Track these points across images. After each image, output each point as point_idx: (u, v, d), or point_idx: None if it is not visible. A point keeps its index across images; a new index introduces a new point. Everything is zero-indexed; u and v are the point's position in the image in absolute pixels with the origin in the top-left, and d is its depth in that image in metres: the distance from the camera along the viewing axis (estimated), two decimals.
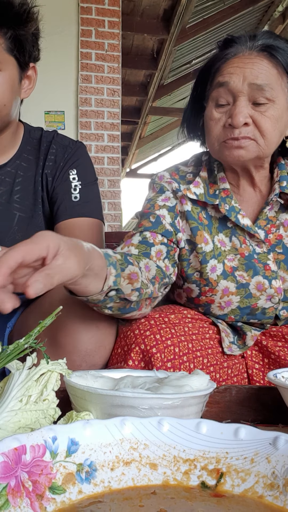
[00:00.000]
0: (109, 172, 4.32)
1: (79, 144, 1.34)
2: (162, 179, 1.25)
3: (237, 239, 1.20)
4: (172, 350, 1.05)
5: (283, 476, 0.49)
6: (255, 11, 6.12)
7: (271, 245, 1.20)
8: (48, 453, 0.48)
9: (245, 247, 1.19)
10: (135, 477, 0.51)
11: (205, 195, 1.19)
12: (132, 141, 9.41)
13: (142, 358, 1.04)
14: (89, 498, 0.48)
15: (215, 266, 1.18)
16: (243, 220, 1.19)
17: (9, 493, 0.44)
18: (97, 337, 1.03)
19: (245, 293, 1.18)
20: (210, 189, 1.21)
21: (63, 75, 4.20)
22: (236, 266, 1.18)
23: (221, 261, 1.18)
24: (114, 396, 0.64)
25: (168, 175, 1.26)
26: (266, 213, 1.21)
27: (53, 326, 1.04)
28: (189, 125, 1.29)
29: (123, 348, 1.08)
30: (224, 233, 1.21)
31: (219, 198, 1.19)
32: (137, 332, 1.07)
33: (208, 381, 0.74)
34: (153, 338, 1.05)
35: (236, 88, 1.10)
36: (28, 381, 0.65)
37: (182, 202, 1.20)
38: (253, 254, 1.19)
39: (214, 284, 1.17)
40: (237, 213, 1.19)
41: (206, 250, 1.18)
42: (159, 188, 1.24)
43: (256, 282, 1.18)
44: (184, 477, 0.52)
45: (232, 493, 0.50)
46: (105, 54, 4.29)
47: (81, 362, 1.01)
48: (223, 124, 1.13)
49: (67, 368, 0.69)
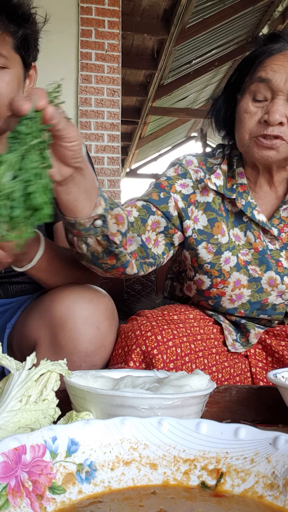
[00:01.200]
0: (109, 172, 4.32)
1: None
2: (190, 165, 1.24)
3: (252, 233, 1.20)
4: (174, 351, 1.05)
5: (283, 476, 0.49)
6: (255, 11, 6.12)
7: (283, 243, 1.21)
8: (48, 453, 0.48)
9: (259, 242, 1.20)
10: (135, 477, 0.51)
11: (223, 187, 1.19)
12: (132, 141, 9.41)
13: (143, 359, 1.04)
14: (89, 498, 0.48)
15: (229, 258, 1.18)
16: (259, 216, 1.19)
17: (9, 493, 0.44)
18: (97, 338, 1.03)
19: (256, 287, 1.18)
20: (228, 183, 1.21)
21: (63, 75, 4.19)
22: (250, 260, 1.19)
23: (235, 254, 1.18)
24: (114, 396, 0.64)
25: (196, 162, 1.25)
26: (280, 213, 1.22)
27: (53, 327, 1.04)
28: (219, 114, 1.27)
29: (123, 349, 1.07)
30: (239, 228, 1.21)
31: (236, 193, 1.19)
32: (138, 333, 1.07)
33: (208, 381, 0.74)
34: (154, 339, 1.05)
35: (278, 86, 1.10)
36: (28, 381, 0.65)
37: (203, 193, 1.20)
38: (266, 249, 1.20)
39: (226, 275, 1.17)
40: (253, 208, 1.19)
41: (222, 242, 1.18)
42: (183, 171, 1.23)
43: (268, 277, 1.18)
44: (184, 477, 0.52)
45: (232, 493, 0.50)
46: (105, 54, 4.29)
47: (81, 363, 1.01)
48: (257, 119, 1.12)
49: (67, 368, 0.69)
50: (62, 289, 1.09)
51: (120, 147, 4.36)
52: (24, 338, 1.12)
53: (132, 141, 9.44)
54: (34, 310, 1.14)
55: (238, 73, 1.22)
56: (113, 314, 1.09)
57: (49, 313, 1.05)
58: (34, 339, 1.07)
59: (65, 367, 0.69)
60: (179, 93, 7.84)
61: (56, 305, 1.05)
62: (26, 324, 1.13)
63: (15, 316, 1.22)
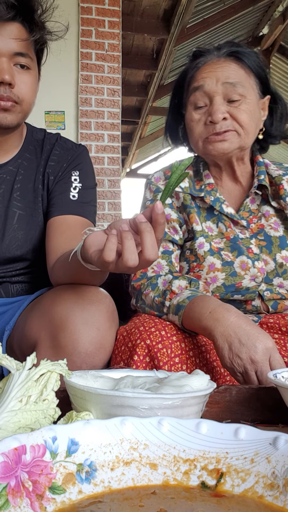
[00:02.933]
0: (109, 172, 4.32)
1: (82, 148, 1.36)
2: (159, 181, 1.39)
3: (223, 224, 1.32)
4: (178, 345, 1.07)
5: (283, 476, 0.49)
6: (255, 11, 6.12)
7: (253, 233, 1.32)
8: (48, 453, 0.48)
9: (230, 231, 1.31)
10: (135, 477, 0.51)
11: (190, 188, 1.34)
12: (132, 141, 9.41)
13: (147, 353, 1.05)
14: (89, 498, 0.48)
15: (203, 243, 1.29)
16: (227, 209, 1.32)
17: (9, 493, 0.44)
18: (97, 339, 1.03)
19: (230, 271, 1.26)
20: (197, 185, 1.35)
21: (63, 75, 4.19)
22: (222, 247, 1.29)
23: (208, 242, 1.30)
24: (114, 396, 0.64)
25: (163, 175, 1.39)
26: (248, 205, 1.34)
27: (53, 327, 1.04)
28: (172, 133, 1.42)
29: (126, 345, 1.08)
30: (212, 221, 1.33)
31: (204, 191, 1.33)
32: (142, 329, 1.08)
33: (208, 381, 0.74)
34: (158, 334, 1.07)
35: (211, 89, 1.24)
36: (28, 381, 0.65)
37: (177, 198, 1.34)
38: (238, 238, 1.30)
39: (201, 259, 1.27)
40: (221, 203, 1.32)
41: (197, 229, 1.30)
42: (155, 188, 1.38)
43: (240, 261, 1.27)
44: (184, 477, 0.52)
45: (232, 493, 0.50)
46: (105, 54, 4.29)
47: (81, 364, 1.01)
48: (203, 123, 1.26)
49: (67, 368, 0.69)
50: (63, 290, 1.09)
51: (120, 147, 4.37)
52: (25, 338, 1.12)
53: (132, 141, 9.44)
54: (35, 310, 1.14)
55: (177, 95, 1.37)
56: (114, 316, 1.09)
57: (49, 313, 1.05)
58: (34, 339, 1.07)
59: (65, 367, 0.69)
60: None
61: (57, 306, 1.05)
62: (27, 324, 1.13)
63: (14, 317, 1.22)
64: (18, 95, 1.15)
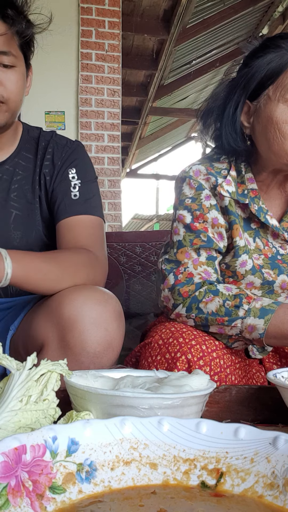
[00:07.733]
0: (109, 172, 4.32)
1: (77, 143, 1.34)
2: (199, 175, 1.20)
3: (260, 241, 1.20)
4: (217, 362, 1.05)
5: (283, 476, 0.49)
6: (255, 11, 6.12)
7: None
8: (48, 453, 0.48)
9: (267, 249, 1.19)
10: (135, 476, 0.51)
11: (236, 193, 1.18)
12: (132, 141, 9.41)
13: (187, 368, 1.02)
14: (89, 498, 0.48)
15: (245, 261, 1.16)
16: (272, 221, 1.18)
17: (9, 492, 0.44)
18: (105, 339, 1.03)
19: (268, 289, 1.18)
20: (239, 188, 1.19)
21: (63, 76, 4.20)
22: (262, 264, 1.18)
23: (250, 257, 1.17)
24: (114, 396, 0.64)
25: (204, 169, 1.20)
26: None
27: (61, 328, 1.04)
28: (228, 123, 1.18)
29: (164, 355, 1.06)
30: (248, 233, 1.20)
31: (248, 198, 1.18)
32: (181, 341, 1.05)
33: (208, 381, 0.74)
34: (199, 348, 1.04)
35: None
36: (28, 381, 0.65)
37: (221, 197, 1.18)
38: (277, 255, 1.19)
39: (240, 277, 1.17)
40: (265, 213, 1.18)
41: (240, 245, 1.17)
42: (197, 185, 1.19)
43: (282, 280, 1.18)
44: (184, 476, 0.52)
45: (232, 492, 0.50)
46: (105, 54, 4.29)
47: (90, 364, 1.01)
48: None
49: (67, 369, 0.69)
50: (70, 291, 1.09)
51: (120, 147, 4.37)
52: (31, 339, 1.12)
53: (132, 141, 9.44)
54: (41, 311, 1.14)
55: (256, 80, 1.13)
56: (121, 316, 1.09)
57: (57, 314, 1.05)
58: (41, 340, 1.07)
59: (65, 367, 0.69)
60: (179, 93, 7.84)
61: (65, 306, 1.05)
62: (33, 325, 1.13)
63: (19, 317, 1.22)
64: (3, 94, 1.14)
